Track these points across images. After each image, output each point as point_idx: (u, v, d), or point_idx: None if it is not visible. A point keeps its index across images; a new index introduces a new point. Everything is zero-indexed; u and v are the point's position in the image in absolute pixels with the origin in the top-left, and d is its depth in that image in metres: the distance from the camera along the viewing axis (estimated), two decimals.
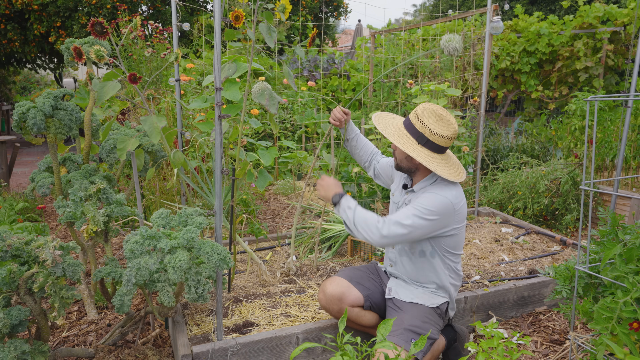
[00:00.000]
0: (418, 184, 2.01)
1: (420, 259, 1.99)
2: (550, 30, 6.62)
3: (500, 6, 11.90)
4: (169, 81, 3.16)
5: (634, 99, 1.93)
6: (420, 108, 1.95)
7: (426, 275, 2.00)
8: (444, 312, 2.03)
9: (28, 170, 7.11)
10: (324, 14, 11.95)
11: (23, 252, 1.66)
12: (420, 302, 1.96)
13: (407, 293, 2.00)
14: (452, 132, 1.90)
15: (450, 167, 1.94)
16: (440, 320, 1.99)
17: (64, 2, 8.07)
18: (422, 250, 1.98)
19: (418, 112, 1.94)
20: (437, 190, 1.90)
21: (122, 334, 2.14)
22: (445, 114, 1.90)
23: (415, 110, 1.96)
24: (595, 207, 3.94)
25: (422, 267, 2.00)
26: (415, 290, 2.01)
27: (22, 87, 13.89)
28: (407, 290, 2.02)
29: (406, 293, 2.00)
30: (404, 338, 1.80)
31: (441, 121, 1.89)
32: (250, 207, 3.72)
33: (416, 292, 2.00)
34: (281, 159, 4.68)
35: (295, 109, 5.98)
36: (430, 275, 1.99)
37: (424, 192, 1.93)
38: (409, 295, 1.99)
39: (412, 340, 1.80)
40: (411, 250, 2.01)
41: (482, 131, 3.94)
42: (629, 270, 1.37)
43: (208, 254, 1.68)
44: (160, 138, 2.03)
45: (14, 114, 2.19)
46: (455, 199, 1.88)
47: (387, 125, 2.02)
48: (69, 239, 3.65)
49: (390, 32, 7.13)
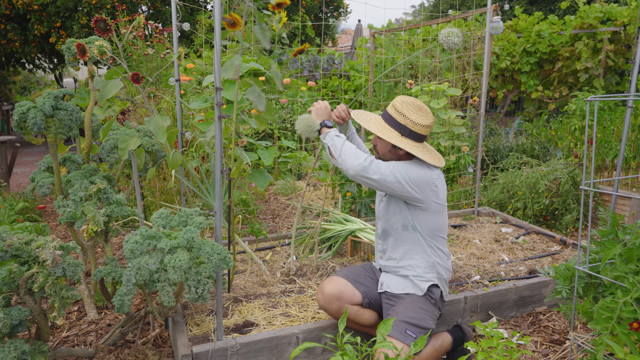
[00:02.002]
0: None
1: (404, 233, 2.05)
2: (551, 31, 6.62)
3: (500, 6, 11.90)
4: (169, 81, 3.16)
5: (634, 99, 1.93)
6: (398, 101, 2.03)
7: (413, 252, 2.04)
8: (439, 299, 2.03)
9: (28, 170, 7.11)
10: (324, 14, 11.95)
11: (23, 252, 1.66)
12: (411, 292, 1.99)
13: (397, 285, 2.03)
14: (432, 121, 2.04)
15: (432, 154, 2.07)
16: (436, 310, 2.00)
17: (64, 2, 8.08)
18: (404, 224, 2.05)
19: (397, 105, 2.02)
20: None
21: (122, 334, 2.14)
22: (422, 104, 2.03)
23: (393, 103, 2.04)
24: (595, 207, 3.94)
25: (408, 243, 2.04)
26: (404, 280, 2.04)
27: (22, 87, 13.89)
28: (397, 281, 2.05)
29: (396, 285, 2.03)
30: (399, 329, 1.81)
31: (420, 111, 2.01)
32: (250, 207, 3.72)
33: (406, 283, 2.02)
34: (281, 159, 4.68)
35: (295, 109, 5.98)
36: (417, 250, 2.03)
37: None
38: (400, 287, 2.02)
39: (407, 332, 1.81)
40: (393, 227, 2.07)
41: (482, 131, 3.94)
42: (629, 270, 1.37)
43: (208, 254, 1.68)
44: (166, 137, 2.04)
45: (14, 114, 2.19)
46: (435, 176, 2.01)
47: (369, 121, 2.09)
48: (69, 239, 3.65)
49: (390, 32, 7.13)
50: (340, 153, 2.00)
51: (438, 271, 2.04)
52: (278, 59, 7.82)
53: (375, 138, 2.10)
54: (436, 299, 2.01)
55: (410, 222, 2.03)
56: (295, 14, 10.73)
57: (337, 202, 3.99)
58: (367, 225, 3.20)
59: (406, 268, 2.04)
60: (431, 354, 1.91)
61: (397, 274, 2.07)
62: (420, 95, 4.01)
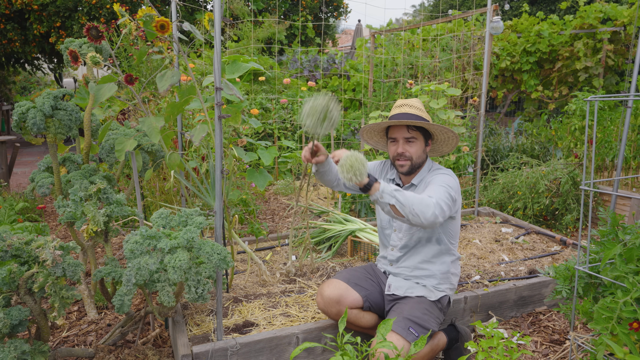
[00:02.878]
0: (418, 176, 2.05)
1: (427, 245, 2.02)
2: (551, 31, 6.62)
3: (500, 6, 11.89)
4: None
5: (634, 99, 1.93)
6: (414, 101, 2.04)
7: (430, 263, 2.01)
8: (445, 306, 2.03)
9: (28, 170, 7.11)
10: (324, 14, 11.95)
11: (23, 252, 1.66)
12: (421, 294, 1.97)
13: (407, 288, 2.02)
14: None
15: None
16: (441, 314, 2.00)
17: (63, 2, 8.07)
18: (430, 237, 2.00)
19: (416, 104, 2.02)
20: (442, 171, 1.99)
21: (122, 334, 2.14)
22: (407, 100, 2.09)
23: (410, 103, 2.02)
24: (595, 207, 3.94)
25: (426, 254, 2.01)
26: (415, 285, 2.02)
27: (22, 87, 13.88)
28: (407, 285, 2.03)
29: (406, 288, 2.02)
30: (402, 325, 1.80)
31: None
32: (250, 207, 3.72)
33: (417, 287, 2.01)
34: (281, 159, 4.68)
35: (295, 109, 5.98)
36: (434, 261, 2.01)
37: (433, 175, 1.98)
38: (409, 290, 2.01)
39: (410, 329, 1.80)
40: (419, 241, 2.02)
41: (482, 131, 3.94)
42: (629, 270, 1.36)
43: (208, 254, 1.68)
44: (160, 138, 2.03)
45: (14, 114, 2.19)
46: (454, 176, 1.99)
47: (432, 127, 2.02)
48: (69, 239, 3.65)
49: (390, 32, 7.13)
50: (408, 208, 1.70)
51: (451, 282, 2.04)
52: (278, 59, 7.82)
53: (404, 144, 1.95)
54: (444, 305, 2.02)
55: (437, 235, 1.99)
56: (295, 14, 10.72)
57: (337, 202, 3.99)
58: (367, 225, 3.19)
59: (420, 277, 2.03)
60: (428, 353, 1.92)
61: (409, 280, 2.06)
62: (420, 95, 4.01)
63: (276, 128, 5.71)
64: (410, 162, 2.00)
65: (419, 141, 2.00)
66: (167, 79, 1.81)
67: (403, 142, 1.99)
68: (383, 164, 2.24)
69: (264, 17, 10.09)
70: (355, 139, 6.01)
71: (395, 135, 2.01)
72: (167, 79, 1.81)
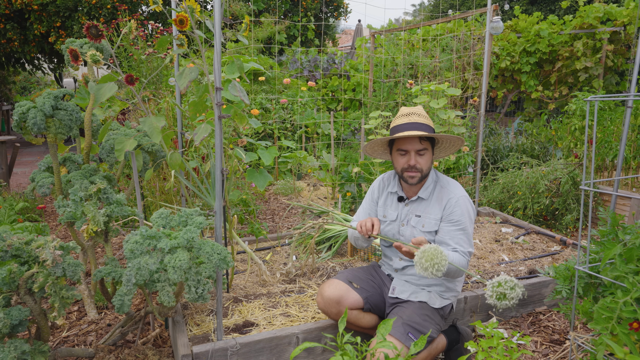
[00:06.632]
0: (424, 189, 2.02)
1: None
2: (550, 31, 6.62)
3: (500, 6, 11.89)
4: (169, 81, 3.16)
5: (634, 99, 1.93)
6: (419, 109, 2.01)
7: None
8: (447, 313, 2.02)
9: (28, 170, 7.11)
10: (324, 14, 11.95)
11: (23, 252, 1.66)
12: (424, 300, 1.96)
13: (411, 293, 2.00)
14: None
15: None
16: (442, 321, 1.99)
17: (63, 2, 8.07)
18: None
19: (423, 112, 2.00)
20: (452, 190, 1.99)
21: (122, 334, 2.14)
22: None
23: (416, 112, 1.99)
24: (595, 207, 3.94)
25: None
26: (420, 290, 2.01)
27: (22, 87, 13.88)
28: (411, 289, 2.02)
29: (411, 292, 2.00)
30: (401, 331, 1.80)
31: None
32: (250, 207, 3.72)
33: (421, 292, 2.00)
34: (281, 159, 4.68)
35: (295, 109, 5.98)
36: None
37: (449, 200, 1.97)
38: (413, 295, 1.99)
39: (409, 334, 1.79)
40: None
41: (482, 131, 3.94)
42: (629, 270, 1.36)
43: (208, 254, 1.68)
44: (161, 138, 2.03)
45: (14, 114, 2.19)
46: (466, 195, 2.00)
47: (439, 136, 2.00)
48: (69, 239, 3.65)
49: (390, 32, 7.13)
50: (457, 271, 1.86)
51: (456, 290, 2.04)
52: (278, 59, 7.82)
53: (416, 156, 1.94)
54: (446, 312, 2.01)
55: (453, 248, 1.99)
56: (295, 14, 10.72)
57: (337, 202, 3.99)
58: None
59: (427, 285, 2.02)
60: (425, 358, 1.92)
61: (413, 285, 2.04)
62: (420, 95, 4.01)
63: (276, 128, 5.71)
64: (420, 173, 1.96)
65: (429, 151, 1.97)
66: (186, 75, 1.83)
67: (415, 154, 1.94)
68: (380, 181, 2.20)
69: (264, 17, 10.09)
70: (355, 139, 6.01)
71: (406, 147, 1.94)
72: (186, 76, 1.83)
